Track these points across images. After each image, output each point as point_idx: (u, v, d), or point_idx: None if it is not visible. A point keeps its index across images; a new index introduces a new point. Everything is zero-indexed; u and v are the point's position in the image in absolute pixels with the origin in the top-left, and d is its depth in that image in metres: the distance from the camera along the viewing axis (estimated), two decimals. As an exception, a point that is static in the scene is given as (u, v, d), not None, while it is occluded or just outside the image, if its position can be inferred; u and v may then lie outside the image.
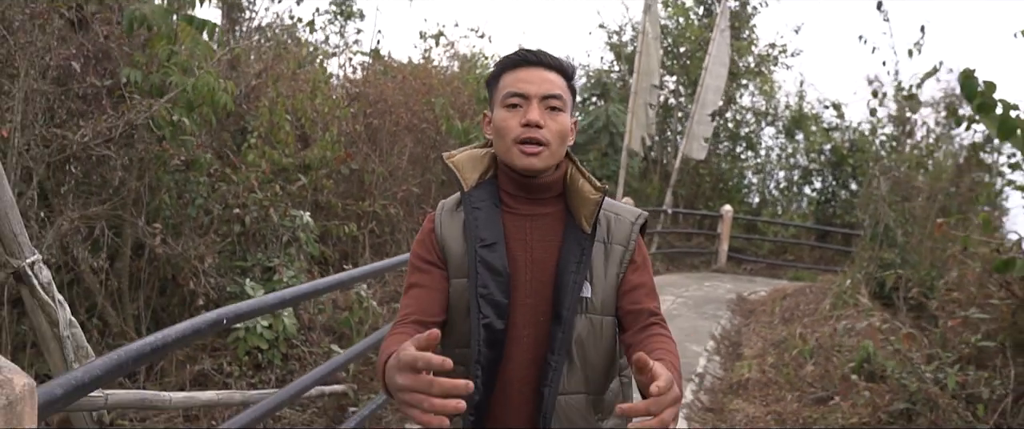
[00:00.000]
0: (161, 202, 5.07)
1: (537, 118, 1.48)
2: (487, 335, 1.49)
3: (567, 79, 1.56)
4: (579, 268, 1.51)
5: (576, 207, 1.56)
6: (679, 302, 8.92)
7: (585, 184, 1.56)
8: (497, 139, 1.55)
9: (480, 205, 1.55)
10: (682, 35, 14.52)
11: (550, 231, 1.56)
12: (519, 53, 1.55)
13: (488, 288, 1.50)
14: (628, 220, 1.59)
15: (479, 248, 1.51)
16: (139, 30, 5.13)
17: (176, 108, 4.94)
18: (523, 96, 1.50)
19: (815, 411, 4.46)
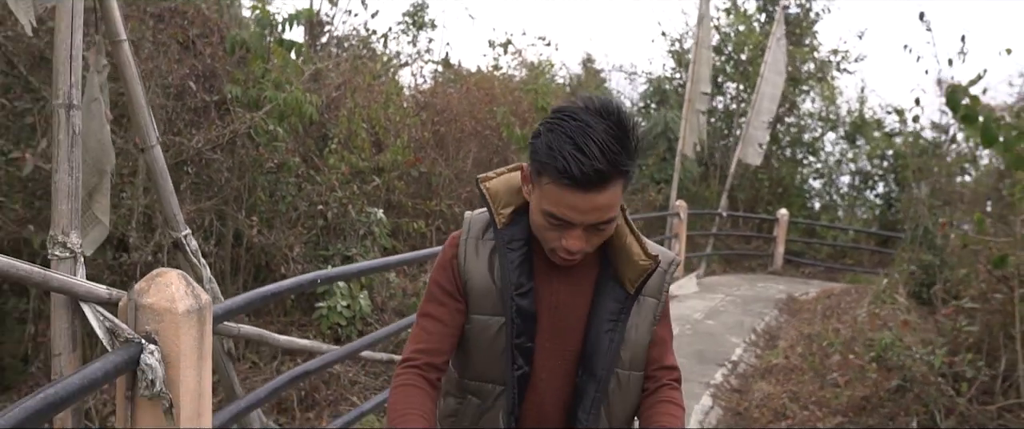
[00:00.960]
0: (257, 199, 5.97)
1: (579, 247, 1.38)
2: (521, 386, 1.47)
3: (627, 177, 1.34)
4: (617, 326, 1.46)
5: (619, 265, 1.48)
6: (727, 301, 9.42)
7: (634, 243, 1.48)
8: (534, 227, 1.45)
9: (514, 245, 1.47)
10: (742, 42, 14.93)
11: (580, 277, 1.49)
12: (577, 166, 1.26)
13: (522, 338, 1.46)
14: (662, 269, 1.52)
15: (516, 295, 1.45)
16: (239, 52, 6.07)
17: (270, 119, 5.84)
18: (567, 222, 1.35)
19: (829, 392, 5.00)
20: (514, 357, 1.46)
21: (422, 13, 16.91)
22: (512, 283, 1.44)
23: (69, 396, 1.59)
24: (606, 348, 1.45)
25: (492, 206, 1.48)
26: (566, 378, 1.50)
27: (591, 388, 1.46)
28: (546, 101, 9.00)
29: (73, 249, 1.95)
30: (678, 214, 10.26)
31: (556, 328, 1.48)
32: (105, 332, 1.84)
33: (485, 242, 1.50)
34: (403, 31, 16.56)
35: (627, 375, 1.51)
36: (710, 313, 8.54)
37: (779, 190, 14.20)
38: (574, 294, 1.49)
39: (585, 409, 1.46)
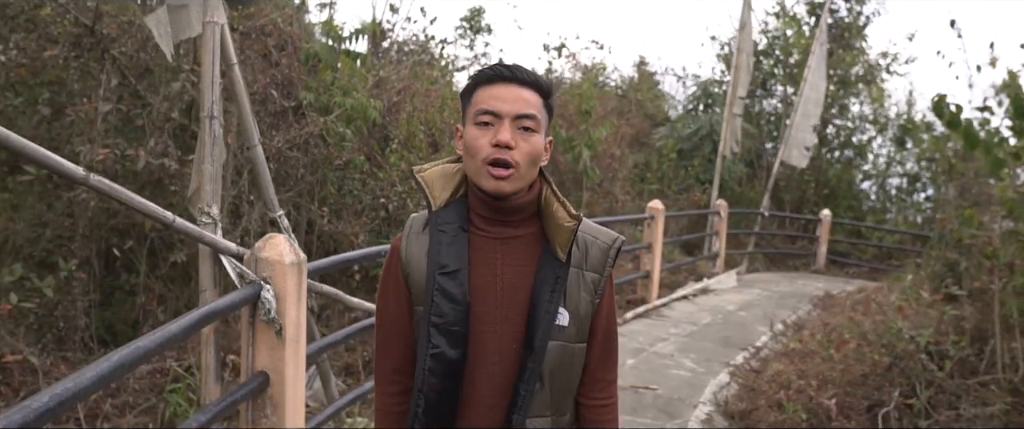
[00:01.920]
0: (327, 192, 6.83)
1: (508, 139, 1.46)
2: (435, 365, 1.49)
3: (545, 97, 1.53)
4: (553, 297, 1.50)
5: (551, 232, 1.54)
6: (764, 296, 9.95)
7: (560, 209, 1.54)
8: (467, 157, 1.53)
9: (446, 227, 1.53)
10: (791, 45, 15.32)
11: (524, 255, 1.54)
12: (494, 68, 1.53)
13: (444, 317, 1.48)
14: (605, 245, 1.59)
15: (438, 275, 1.49)
16: (311, 62, 6.96)
17: (339, 122, 6.70)
18: (495, 114, 1.48)
19: (834, 369, 5.59)
20: (429, 335, 1.48)
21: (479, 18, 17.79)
22: (436, 262, 1.50)
23: (220, 311, 2.40)
24: (542, 318, 1.49)
25: (428, 192, 1.56)
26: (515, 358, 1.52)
27: (529, 360, 1.49)
28: (590, 105, 9.69)
29: (214, 218, 2.76)
30: (718, 213, 10.82)
31: (504, 310, 1.51)
32: (236, 275, 2.65)
33: (424, 235, 1.55)
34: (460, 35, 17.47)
35: (573, 348, 1.55)
36: (744, 306, 9.11)
37: (825, 192, 14.56)
38: (519, 274, 1.53)
39: (523, 380, 1.49)
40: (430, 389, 1.49)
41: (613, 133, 10.59)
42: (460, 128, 1.57)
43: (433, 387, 1.49)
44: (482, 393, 1.52)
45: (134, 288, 6.04)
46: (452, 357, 1.49)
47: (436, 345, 1.48)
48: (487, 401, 1.52)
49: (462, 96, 1.56)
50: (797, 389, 5.13)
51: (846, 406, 4.68)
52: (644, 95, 16.86)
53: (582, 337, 1.57)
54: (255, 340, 2.72)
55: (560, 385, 1.56)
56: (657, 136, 14.31)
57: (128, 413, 4.79)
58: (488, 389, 1.52)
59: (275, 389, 2.73)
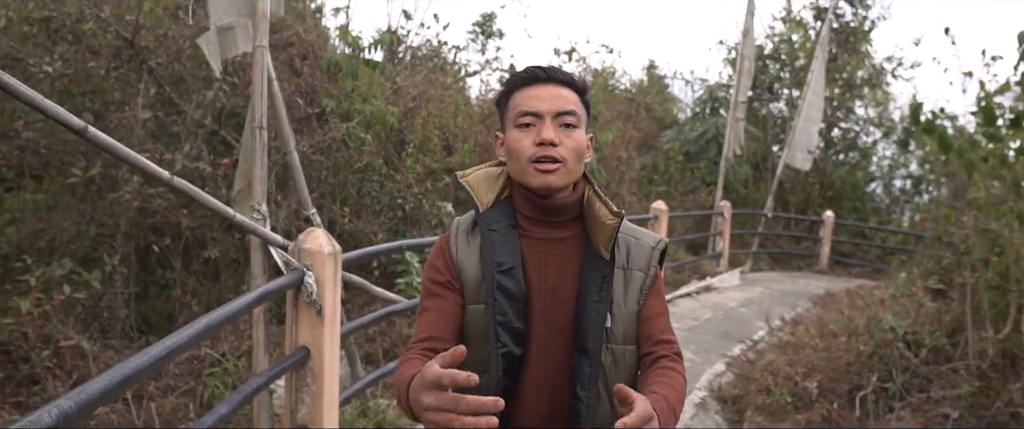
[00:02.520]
0: (347, 193, 7.31)
1: (552, 136, 1.48)
2: (506, 364, 1.49)
3: (580, 94, 1.55)
4: (601, 297, 1.51)
5: (593, 232, 1.55)
6: (766, 293, 10.36)
7: (602, 208, 1.56)
8: (511, 160, 1.55)
9: (496, 227, 1.56)
10: (796, 50, 15.71)
11: (567, 257, 1.56)
12: (528, 70, 1.55)
13: (507, 315, 1.49)
14: (648, 245, 1.61)
15: (497, 273, 1.51)
16: (333, 70, 7.45)
17: (359, 127, 7.18)
18: (535, 115, 1.50)
19: (821, 359, 6.01)
20: (497, 334, 1.48)
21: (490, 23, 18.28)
22: (493, 261, 1.51)
23: (272, 292, 2.87)
24: (593, 320, 1.49)
25: (475, 194, 1.60)
26: (565, 361, 1.52)
27: (585, 364, 1.49)
28: (598, 109, 10.14)
29: (264, 214, 3.23)
30: (722, 214, 11.24)
31: (549, 311, 1.52)
32: (282, 263, 3.12)
33: (474, 235, 1.58)
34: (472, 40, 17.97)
35: (621, 350, 1.54)
36: (745, 302, 9.53)
37: (829, 193, 14.94)
38: (562, 276, 1.54)
39: (583, 385, 1.48)
40: (502, 388, 1.48)
41: (620, 136, 11.04)
42: (500, 135, 1.60)
43: (504, 386, 1.49)
44: (528, 395, 1.53)
45: (169, 283, 6.55)
46: (517, 354, 1.50)
47: (504, 343, 1.49)
48: (531, 405, 1.53)
49: (498, 103, 1.60)
50: (785, 376, 5.56)
51: (828, 390, 5.11)
52: (653, 98, 17.29)
53: (630, 339, 1.55)
54: (298, 319, 3.20)
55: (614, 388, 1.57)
56: (664, 139, 14.75)
57: (169, 395, 5.27)
58: (533, 391, 1.52)
59: (315, 362, 3.21)
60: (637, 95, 17.55)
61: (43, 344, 5.18)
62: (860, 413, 4.82)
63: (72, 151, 6.41)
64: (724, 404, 5.47)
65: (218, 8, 3.45)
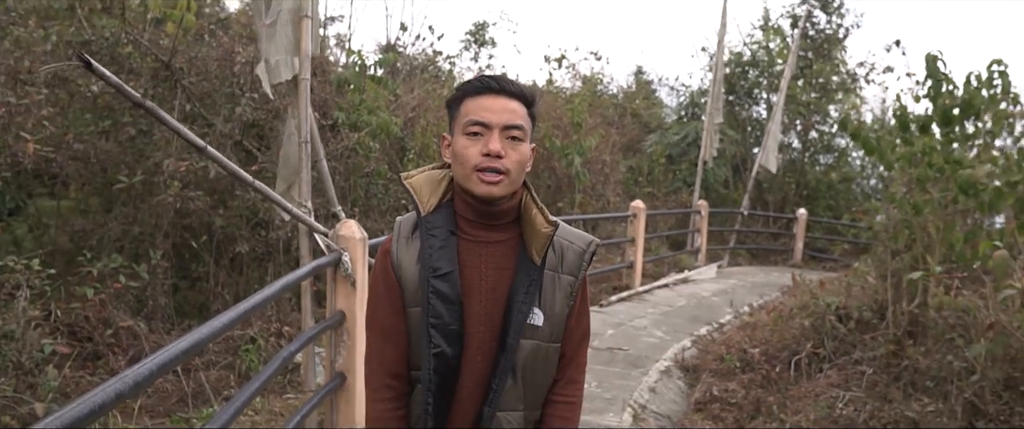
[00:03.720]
0: (357, 195, 8.31)
1: (498, 148, 1.57)
2: (438, 363, 1.62)
3: (529, 107, 1.65)
4: (527, 298, 1.64)
5: (529, 237, 1.67)
6: (739, 285, 11.38)
7: (538, 215, 1.67)
8: (456, 165, 1.63)
9: (436, 232, 1.64)
10: (774, 56, 16.77)
11: (504, 259, 1.67)
12: (481, 79, 1.63)
13: (441, 317, 1.61)
14: (580, 248, 1.72)
15: (432, 278, 1.61)
16: (342, 86, 8.46)
17: (367, 137, 8.18)
18: (485, 125, 1.58)
19: (771, 332, 7.02)
20: (429, 336, 1.59)
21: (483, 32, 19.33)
22: (429, 266, 1.60)
23: (320, 266, 3.88)
24: (516, 317, 1.61)
25: (417, 197, 1.67)
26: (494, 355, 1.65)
27: (502, 358, 1.62)
28: (581, 117, 11.17)
29: (309, 208, 4.22)
30: (699, 212, 12.28)
31: (487, 310, 1.64)
32: (324, 246, 4.13)
33: (414, 239, 1.66)
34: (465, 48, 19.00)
35: (546, 346, 1.68)
36: (718, 292, 10.55)
37: (805, 193, 16.00)
38: (499, 277, 1.65)
39: (496, 375, 1.62)
40: (435, 386, 1.62)
41: (603, 141, 12.06)
42: (447, 136, 1.70)
43: (437, 383, 1.62)
44: (465, 387, 1.65)
45: (201, 276, 7.53)
46: (451, 354, 1.61)
47: (437, 344, 1.60)
48: (469, 395, 1.66)
49: (449, 105, 1.69)
50: (738, 347, 6.57)
51: (772, 356, 6.13)
52: (639, 104, 18.34)
53: (556, 337, 1.69)
54: (337, 289, 4.20)
55: (534, 381, 1.69)
56: (648, 143, 15.79)
57: (211, 369, 6.25)
58: (470, 383, 1.65)
59: (349, 322, 4.21)
60: (624, 101, 18.60)
61: (103, 326, 6.16)
62: (795, 373, 5.83)
63: (116, 161, 7.40)
64: (685, 371, 6.48)
65: (270, 47, 4.45)
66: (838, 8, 16.83)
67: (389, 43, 12.38)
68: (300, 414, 3.70)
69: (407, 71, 12.88)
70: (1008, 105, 5.69)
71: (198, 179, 7.17)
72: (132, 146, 7.42)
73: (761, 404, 5.29)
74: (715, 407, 5.38)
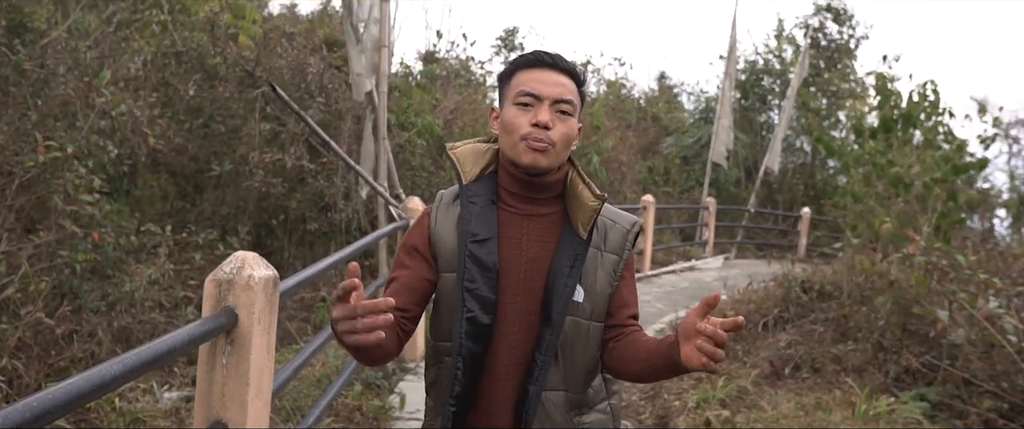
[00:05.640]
0: (404, 185, 9.95)
1: (547, 119, 1.60)
2: (471, 329, 1.62)
3: (578, 85, 1.68)
4: (572, 272, 1.64)
5: (574, 211, 1.69)
6: (741, 274, 12.79)
7: (584, 189, 1.69)
8: (503, 134, 1.66)
9: (476, 199, 1.68)
10: (787, 64, 18.21)
11: (546, 233, 1.69)
12: (535, 53, 1.67)
13: (475, 283, 1.62)
14: (624, 228, 1.75)
15: (470, 243, 1.63)
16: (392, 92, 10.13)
17: (415, 137, 9.84)
18: (535, 97, 1.62)
19: (751, 304, 8.53)
20: (463, 300, 1.62)
21: (513, 37, 20.99)
22: (467, 231, 1.64)
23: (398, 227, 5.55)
24: (560, 293, 1.63)
25: (459, 167, 1.73)
26: (533, 330, 1.65)
27: (547, 332, 1.63)
28: (599, 120, 12.74)
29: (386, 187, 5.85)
30: (707, 207, 13.80)
31: (526, 283, 1.66)
32: (397, 216, 5.79)
33: (454, 206, 1.72)
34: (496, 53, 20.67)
35: (587, 325, 1.68)
36: (720, 279, 12.04)
37: (812, 193, 17.42)
38: (541, 250, 1.67)
39: (540, 350, 1.63)
40: (467, 352, 1.62)
41: (621, 143, 13.64)
42: (496, 109, 1.73)
43: (469, 350, 1.62)
44: (502, 362, 1.66)
45: (275, 250, 9.22)
46: (484, 321, 1.63)
47: (470, 309, 1.62)
48: (507, 370, 1.66)
49: (500, 78, 1.73)
50: (721, 313, 8.12)
51: (745, 318, 7.66)
52: (660, 108, 19.87)
53: (598, 316, 1.69)
54: (404, 247, 5.86)
55: (574, 360, 1.68)
56: (665, 145, 17.32)
57: (291, 321, 7.92)
58: (507, 358, 1.66)
59: (413, 272, 5.86)
60: (646, 105, 20.14)
61: (206, 284, 7.84)
62: (763, 331, 7.37)
63: (207, 153, 9.12)
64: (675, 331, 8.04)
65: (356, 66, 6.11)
66: (849, 19, 18.26)
67: (430, 52, 14.05)
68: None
69: (444, 77, 14.54)
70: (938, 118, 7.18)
71: (277, 169, 8.86)
72: (220, 141, 9.13)
73: (729, 350, 6.84)
74: (693, 352, 6.94)
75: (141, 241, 6.89)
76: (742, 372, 6.01)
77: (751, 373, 5.93)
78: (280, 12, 13.84)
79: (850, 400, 4.94)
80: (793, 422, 4.62)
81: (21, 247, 5.20)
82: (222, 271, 2.55)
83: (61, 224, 5.63)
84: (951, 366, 5.01)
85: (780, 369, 5.99)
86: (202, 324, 2.40)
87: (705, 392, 5.46)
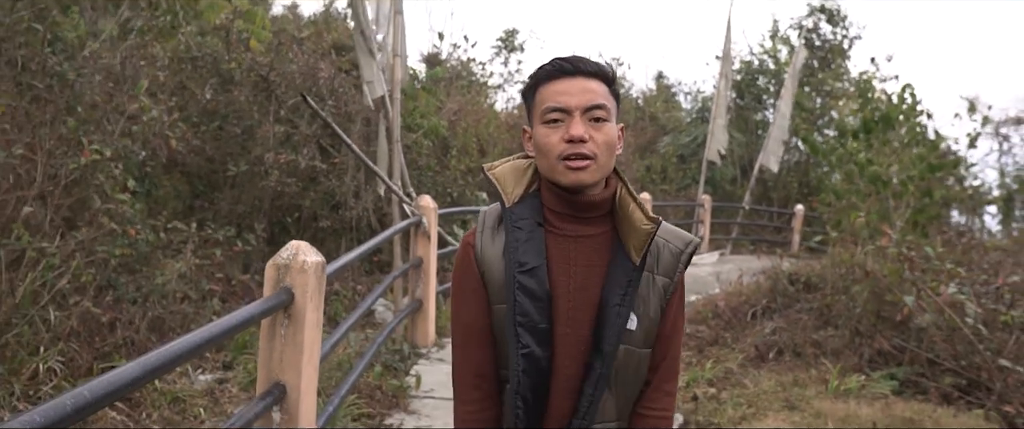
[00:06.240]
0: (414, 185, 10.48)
1: (581, 132, 1.50)
2: (528, 365, 1.55)
3: (609, 84, 1.57)
4: (624, 301, 1.55)
5: (625, 234, 1.58)
6: (734, 268, 13.30)
7: (636, 210, 1.59)
8: (540, 157, 1.57)
9: (522, 224, 1.58)
10: (782, 64, 18.73)
11: (595, 255, 1.59)
12: (554, 62, 1.56)
13: (528, 315, 1.54)
14: (678, 249, 1.64)
15: (518, 273, 1.55)
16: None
17: (421, 137, 10.36)
18: (564, 110, 1.52)
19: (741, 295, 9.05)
20: (517, 334, 1.54)
21: (513, 38, 21.50)
22: (515, 260, 1.55)
23: (410, 224, 6.08)
24: (613, 322, 1.54)
25: (501, 188, 1.64)
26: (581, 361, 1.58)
27: (598, 364, 1.54)
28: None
29: (399, 186, 6.37)
30: (703, 205, 14.33)
31: (575, 311, 1.57)
32: (410, 213, 6.31)
33: (499, 231, 1.62)
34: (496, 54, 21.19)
35: (639, 353, 1.60)
36: (715, 273, 12.58)
37: (806, 191, 17.95)
38: (590, 275, 1.58)
39: (591, 383, 1.54)
40: (526, 390, 1.55)
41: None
42: (527, 129, 1.64)
43: (528, 387, 1.55)
44: (555, 395, 1.58)
45: (290, 246, 9.73)
46: (541, 355, 1.55)
47: (525, 344, 1.54)
48: (558, 403, 1.58)
49: (524, 96, 1.64)
50: (713, 304, 8.66)
51: (735, 308, 8.20)
52: (658, 107, 20.40)
53: (649, 342, 1.61)
54: (417, 242, 6.36)
55: (626, 391, 1.62)
56: (662, 144, 17.86)
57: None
58: (559, 391, 1.58)
59: (425, 265, 6.36)
60: (644, 104, 20.67)
61: (227, 278, 8.37)
62: (751, 320, 7.90)
63: (223, 154, 9.63)
64: None
65: (367, 73, 6.62)
66: (842, 20, 18.79)
67: (434, 55, 14.57)
68: (390, 327, 5.82)
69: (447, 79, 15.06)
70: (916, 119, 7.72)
71: (291, 169, 9.38)
72: (235, 142, 9.65)
73: (719, 337, 7.37)
74: (686, 338, 7.48)
75: (168, 237, 7.40)
76: (730, 356, 6.54)
77: (738, 357, 6.45)
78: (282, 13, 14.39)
79: (825, 378, 5.47)
80: (771, 397, 5.15)
81: (66, 243, 5.71)
82: (280, 257, 3.07)
83: (100, 222, 6.15)
84: (917, 347, 5.54)
85: (764, 353, 6.52)
86: (266, 301, 2.92)
87: (695, 373, 5.98)
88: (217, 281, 8.10)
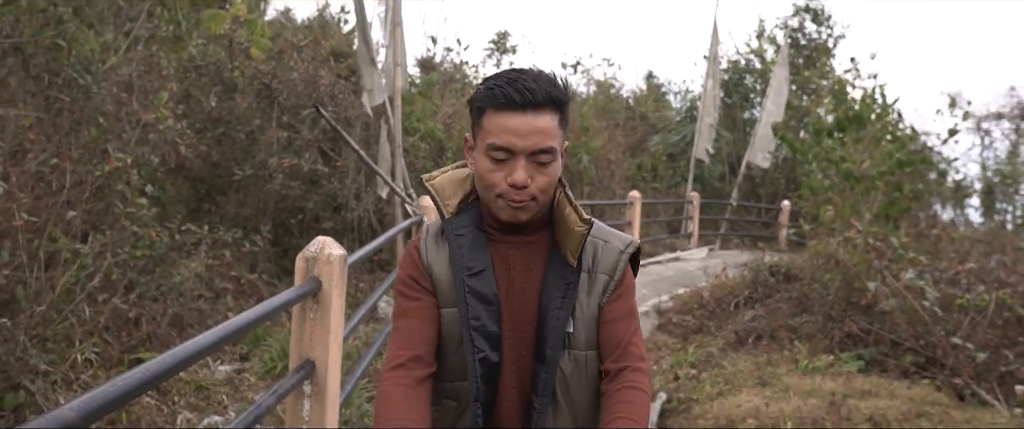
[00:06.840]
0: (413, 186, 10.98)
1: (524, 179, 1.48)
2: (483, 370, 1.55)
3: (561, 109, 1.51)
4: (564, 304, 1.56)
5: (562, 238, 1.59)
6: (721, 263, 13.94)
7: (572, 214, 1.58)
8: (480, 184, 1.56)
9: (463, 231, 1.59)
10: (769, 63, 19.28)
11: (533, 260, 1.60)
12: (505, 91, 1.47)
13: (480, 319, 1.54)
14: (617, 248, 1.63)
15: (467, 277, 1.55)
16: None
17: (419, 140, 10.86)
18: (509, 151, 1.48)
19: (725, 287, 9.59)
20: (472, 338, 1.53)
21: (505, 40, 22.03)
22: (463, 265, 1.55)
23: (414, 223, 6.60)
24: (553, 326, 1.54)
25: (439, 199, 1.63)
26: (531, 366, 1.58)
27: (542, 371, 1.55)
28: (589, 122, 13.79)
29: (402, 188, 6.87)
30: (691, 201, 14.87)
31: (515, 314, 1.58)
32: (412, 213, 6.82)
33: (442, 242, 1.62)
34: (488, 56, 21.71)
35: (583, 355, 1.59)
36: (702, 267, 13.12)
37: (793, 188, 18.50)
38: (528, 279, 1.59)
39: (537, 392, 1.55)
40: (484, 397, 1.55)
41: (610, 142, 14.69)
42: (470, 139, 1.59)
43: (484, 394, 1.55)
44: (503, 401, 1.60)
45: (291, 247, 10.22)
46: (494, 360, 1.56)
47: (480, 349, 1.54)
48: (506, 411, 1.60)
49: (470, 109, 1.56)
50: (698, 295, 9.19)
51: (719, 299, 8.73)
52: (649, 107, 20.94)
53: (591, 344, 1.60)
54: (419, 240, 6.88)
55: (577, 398, 1.60)
56: (652, 142, 18.40)
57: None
58: (506, 398, 1.60)
59: (426, 261, 6.88)
60: (635, 104, 21.21)
61: (236, 277, 8.86)
62: (734, 309, 8.44)
63: (227, 160, 10.12)
64: (659, 313, 9.11)
65: (368, 82, 7.13)
66: (827, 19, 19.36)
67: (428, 59, 15.07)
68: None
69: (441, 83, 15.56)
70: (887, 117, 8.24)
71: (294, 172, 9.87)
72: (239, 148, 10.14)
73: (704, 325, 7.90)
74: (672, 327, 8.00)
75: (182, 239, 7.90)
76: (711, 342, 7.07)
77: (719, 342, 6.99)
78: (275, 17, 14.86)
79: (796, 358, 6.00)
80: (746, 376, 5.68)
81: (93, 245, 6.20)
82: (309, 251, 3.58)
83: (122, 225, 6.65)
84: (882, 330, 6.08)
85: (744, 338, 7.05)
86: (298, 289, 3.43)
87: (679, 357, 6.51)
88: (228, 280, 8.60)
